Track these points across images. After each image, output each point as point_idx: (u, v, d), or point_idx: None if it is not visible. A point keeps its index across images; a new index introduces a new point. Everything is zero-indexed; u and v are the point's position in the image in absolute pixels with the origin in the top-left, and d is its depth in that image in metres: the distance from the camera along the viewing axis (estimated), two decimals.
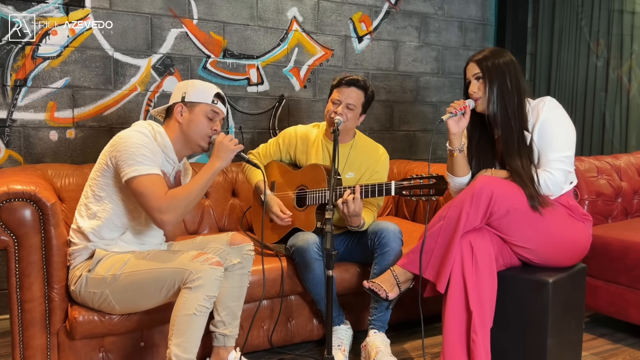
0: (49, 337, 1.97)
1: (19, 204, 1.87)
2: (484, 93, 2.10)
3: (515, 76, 2.10)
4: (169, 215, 1.87)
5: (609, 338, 2.62)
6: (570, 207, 2.11)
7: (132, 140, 1.90)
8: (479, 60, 2.12)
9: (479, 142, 2.21)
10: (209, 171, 1.97)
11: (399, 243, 2.30)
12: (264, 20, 3.22)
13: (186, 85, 2.06)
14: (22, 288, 1.91)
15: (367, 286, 2.13)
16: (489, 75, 2.09)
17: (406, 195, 2.10)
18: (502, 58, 2.12)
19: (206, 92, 2.04)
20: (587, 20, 3.92)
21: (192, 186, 1.94)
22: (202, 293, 1.80)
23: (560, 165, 2.03)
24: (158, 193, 1.86)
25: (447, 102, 3.93)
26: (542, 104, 2.08)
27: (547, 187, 2.02)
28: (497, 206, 1.97)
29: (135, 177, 1.86)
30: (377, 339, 2.26)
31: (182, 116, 2.02)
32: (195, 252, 1.92)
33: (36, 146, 2.74)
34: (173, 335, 1.79)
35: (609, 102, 3.86)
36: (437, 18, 3.83)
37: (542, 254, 2.06)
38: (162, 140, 2.01)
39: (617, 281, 2.56)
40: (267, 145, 2.65)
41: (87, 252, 1.98)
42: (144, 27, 2.92)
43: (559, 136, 2.05)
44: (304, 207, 2.41)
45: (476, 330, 1.90)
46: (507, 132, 2.09)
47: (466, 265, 1.96)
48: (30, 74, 2.69)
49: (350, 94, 2.39)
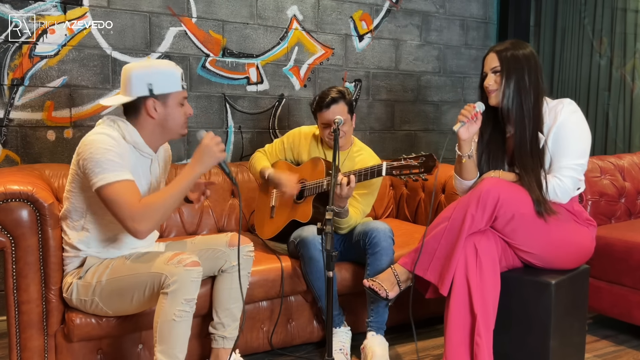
0: (46, 339, 1.96)
1: (16, 205, 1.87)
2: (500, 86, 2.05)
3: (534, 73, 2.05)
4: (143, 224, 1.75)
5: (613, 340, 2.62)
6: (575, 212, 2.09)
7: (97, 145, 1.78)
8: (500, 52, 2.06)
9: (490, 138, 2.17)
10: (188, 176, 1.84)
11: (390, 242, 2.32)
12: (263, 19, 3.22)
13: (146, 71, 1.85)
14: (19, 289, 1.91)
15: (367, 285, 2.12)
16: (507, 69, 2.04)
17: (396, 175, 2.09)
18: (523, 51, 2.06)
19: (173, 77, 1.88)
20: (590, 18, 3.91)
21: (169, 192, 1.82)
22: (179, 297, 1.76)
23: (571, 172, 2.00)
24: (130, 201, 1.75)
25: (448, 102, 3.93)
26: (561, 106, 2.03)
27: (555, 194, 2.00)
28: (503, 210, 1.96)
29: (104, 185, 1.75)
30: (375, 342, 2.26)
31: (157, 111, 1.88)
32: (170, 253, 1.84)
33: (33, 146, 2.74)
34: (157, 341, 1.78)
35: (613, 101, 3.86)
36: (438, 16, 3.83)
37: (545, 258, 2.06)
38: (132, 138, 1.88)
39: (620, 282, 2.56)
40: (274, 144, 2.72)
41: (78, 259, 1.96)
42: (143, 25, 2.92)
43: (574, 142, 2.01)
44: (302, 199, 2.44)
45: (480, 334, 1.89)
46: (521, 131, 2.05)
47: (470, 267, 1.96)
48: (27, 72, 2.69)
49: (335, 111, 2.42)
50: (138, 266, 1.85)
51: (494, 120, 2.16)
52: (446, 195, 2.97)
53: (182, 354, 1.81)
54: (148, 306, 1.91)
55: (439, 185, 3.02)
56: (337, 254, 1.82)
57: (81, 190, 1.90)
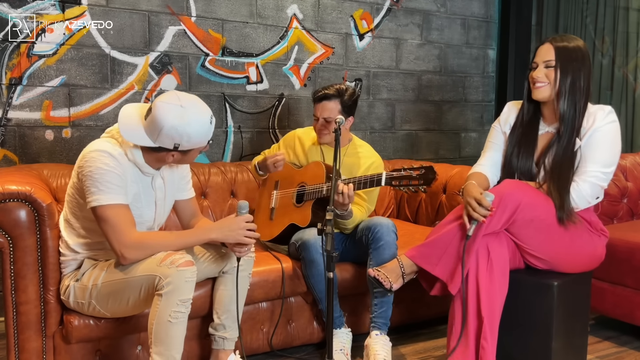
0: (44, 340, 1.96)
1: (14, 205, 1.87)
2: (553, 83, 2.01)
3: (588, 72, 2.02)
4: (132, 255, 1.80)
5: (615, 341, 2.61)
6: (591, 222, 2.08)
7: (96, 165, 1.79)
8: (558, 47, 2.01)
9: (523, 132, 2.13)
10: (201, 236, 1.91)
11: (394, 237, 2.32)
12: (263, 18, 3.21)
13: (180, 136, 1.79)
14: (18, 290, 1.90)
15: (372, 275, 2.10)
16: (564, 65, 1.99)
17: (395, 186, 2.09)
18: (580, 48, 2.01)
19: (203, 139, 1.86)
20: (592, 17, 3.92)
21: (170, 239, 1.86)
22: (174, 298, 1.76)
23: (593, 179, 1.97)
24: (122, 228, 1.78)
25: (449, 101, 3.93)
26: (602, 112, 2.00)
27: (572, 199, 1.97)
28: (522, 214, 1.94)
29: (97, 207, 1.78)
30: (377, 343, 2.25)
31: (174, 158, 1.89)
32: (163, 254, 1.82)
33: (32, 146, 2.73)
34: (152, 343, 1.78)
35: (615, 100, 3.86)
36: (439, 15, 3.83)
37: (554, 264, 2.05)
38: (133, 157, 1.87)
39: (623, 283, 2.56)
40: (272, 148, 2.78)
41: (75, 262, 1.96)
42: (141, 24, 2.91)
43: (604, 150, 1.98)
44: (302, 203, 2.44)
45: (486, 337, 1.89)
46: (566, 131, 2.00)
47: (481, 269, 1.95)
48: (25, 72, 2.69)
49: (324, 108, 2.46)
50: (132, 269, 1.84)
51: (533, 114, 2.12)
52: (447, 195, 2.97)
53: (179, 354, 1.81)
54: (145, 307, 1.91)
55: (439, 186, 3.02)
56: (337, 255, 1.82)
57: (80, 199, 1.90)
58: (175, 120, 1.77)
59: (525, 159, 2.11)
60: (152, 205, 1.98)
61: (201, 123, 1.83)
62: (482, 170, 2.19)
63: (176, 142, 1.81)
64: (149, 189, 1.97)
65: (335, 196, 2.15)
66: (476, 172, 2.18)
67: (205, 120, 1.84)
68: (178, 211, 2.16)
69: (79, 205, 1.91)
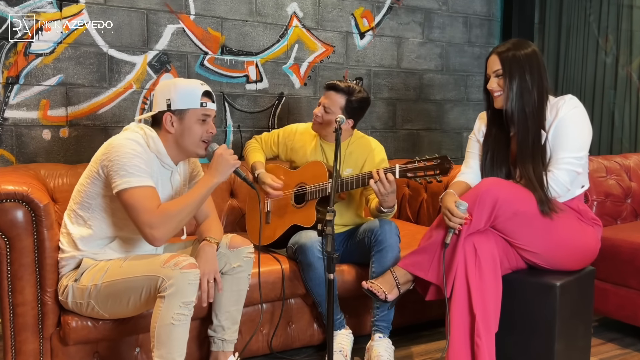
0: (41, 342, 1.96)
1: (10, 205, 1.87)
2: (503, 90, 2.08)
3: (537, 72, 2.06)
4: (160, 231, 1.82)
5: (618, 343, 2.61)
6: (580, 211, 2.10)
7: (124, 150, 1.86)
8: (501, 54, 2.08)
9: (494, 138, 2.19)
10: (205, 186, 1.93)
11: (396, 240, 2.31)
12: (263, 16, 3.21)
13: (168, 88, 1.96)
14: (14, 291, 1.91)
15: (366, 287, 2.13)
16: (509, 71, 2.06)
17: (411, 177, 2.10)
18: (525, 51, 2.07)
19: (192, 94, 1.95)
20: (596, 15, 3.91)
21: (187, 201, 1.90)
22: (176, 301, 1.76)
23: (567, 165, 2.02)
24: (149, 207, 1.82)
25: (451, 100, 3.93)
26: (562, 102, 2.06)
27: (551, 187, 2.01)
28: (502, 210, 1.96)
29: (126, 189, 1.82)
30: (380, 346, 2.26)
31: (174, 126, 1.95)
32: (167, 255, 1.85)
33: (29, 145, 2.73)
34: (154, 346, 1.78)
35: (618, 100, 3.85)
36: (441, 13, 3.83)
37: (549, 258, 2.06)
38: (156, 147, 1.95)
39: (626, 284, 2.56)
40: (271, 134, 2.73)
41: (74, 261, 1.96)
42: (140, 22, 2.91)
43: (573, 136, 2.03)
44: (303, 204, 2.43)
45: (480, 335, 1.90)
46: (523, 132, 2.07)
47: (469, 268, 1.96)
48: (22, 71, 2.69)
49: (329, 97, 2.46)
50: (134, 269, 1.85)
51: (498, 120, 2.17)
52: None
53: (181, 357, 1.81)
54: (145, 309, 1.91)
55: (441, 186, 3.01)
56: (338, 256, 1.82)
57: (96, 188, 1.93)
58: (166, 82, 2.01)
59: (501, 162, 2.16)
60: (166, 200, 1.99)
61: (189, 80, 2.01)
62: (463, 178, 2.24)
63: (167, 97, 1.94)
64: (167, 183, 2.02)
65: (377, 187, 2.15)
66: (457, 180, 2.23)
67: (194, 80, 2.01)
68: None
69: (93, 194, 1.94)
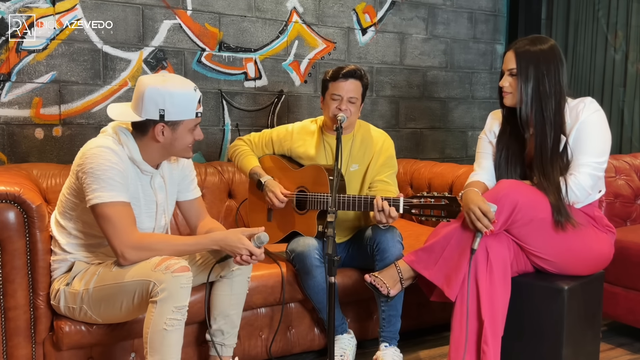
0: (34, 347, 1.96)
1: (2, 206, 1.87)
2: (517, 91, 2.06)
3: (556, 74, 2.04)
4: (133, 255, 1.80)
5: (628, 348, 2.61)
6: (595, 217, 2.09)
7: (98, 161, 1.80)
8: (518, 51, 2.05)
9: (509, 137, 2.17)
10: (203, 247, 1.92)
11: (399, 247, 2.29)
12: (262, 11, 3.21)
13: (162, 97, 1.83)
14: (6, 295, 1.90)
15: (368, 280, 2.12)
16: (525, 72, 2.03)
17: (415, 214, 2.07)
18: (542, 49, 2.04)
19: (189, 105, 1.87)
20: (605, 11, 3.91)
21: (173, 244, 1.86)
22: (169, 305, 1.75)
23: (589, 169, 2.00)
24: (124, 226, 1.79)
25: (455, 98, 3.93)
26: (582, 105, 2.04)
27: (572, 192, 1.99)
28: (520, 215, 1.95)
29: (99, 204, 1.78)
30: (387, 354, 2.26)
31: (164, 136, 1.89)
32: (158, 258, 1.81)
33: (21, 144, 2.73)
34: (148, 353, 1.77)
35: (628, 97, 3.85)
36: (445, 9, 3.83)
37: (561, 265, 2.05)
38: (131, 154, 1.89)
39: (636, 288, 2.55)
40: (262, 135, 2.60)
41: (66, 264, 1.96)
42: (135, 18, 2.91)
43: (594, 141, 2.02)
44: (304, 211, 2.41)
45: (487, 341, 1.89)
46: (542, 137, 2.05)
47: (480, 271, 1.95)
48: (14, 68, 2.69)
49: (350, 87, 2.35)
50: (125, 273, 1.84)
51: (513, 119, 2.14)
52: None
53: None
54: (139, 313, 1.91)
55: (445, 186, 3.02)
56: (339, 259, 1.82)
57: (75, 199, 1.91)
58: (156, 82, 1.85)
59: (515, 162, 2.15)
60: (152, 206, 1.99)
61: (183, 86, 1.87)
62: (479, 178, 2.21)
63: (160, 107, 1.83)
64: (147, 188, 1.97)
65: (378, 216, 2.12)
66: (474, 180, 2.20)
67: (187, 85, 1.88)
68: (183, 212, 2.17)
69: (73, 206, 1.92)
